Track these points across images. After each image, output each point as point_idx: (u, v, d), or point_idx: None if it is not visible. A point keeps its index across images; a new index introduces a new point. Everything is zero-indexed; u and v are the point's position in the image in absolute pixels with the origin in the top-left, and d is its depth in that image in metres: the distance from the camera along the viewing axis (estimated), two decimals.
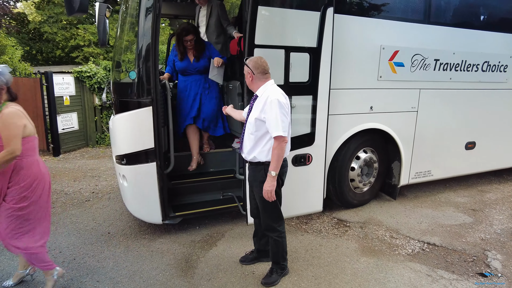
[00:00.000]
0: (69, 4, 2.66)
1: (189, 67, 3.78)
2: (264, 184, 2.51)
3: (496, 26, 4.74)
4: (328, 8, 3.38)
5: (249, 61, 2.60)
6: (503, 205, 4.76)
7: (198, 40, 3.75)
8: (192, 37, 3.65)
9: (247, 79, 2.62)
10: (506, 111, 5.16)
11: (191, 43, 3.67)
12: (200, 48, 3.75)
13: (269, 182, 2.49)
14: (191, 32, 3.64)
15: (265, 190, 2.50)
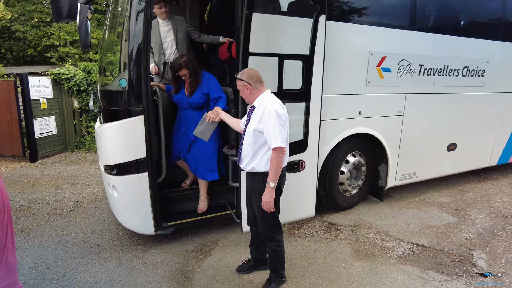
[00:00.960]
0: (56, 11, 2.54)
1: (183, 101, 3.56)
2: (262, 195, 2.50)
3: (474, 32, 4.93)
4: (321, 16, 3.40)
5: (242, 74, 2.57)
6: (482, 203, 4.97)
7: (194, 73, 3.43)
8: (186, 72, 3.39)
9: (244, 92, 2.59)
10: (483, 114, 5.39)
11: (186, 77, 3.44)
12: (194, 82, 3.45)
13: (268, 193, 2.49)
14: (183, 67, 3.36)
15: (264, 201, 2.49)
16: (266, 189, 2.49)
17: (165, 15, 4.03)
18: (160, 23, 4.05)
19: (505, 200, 5.11)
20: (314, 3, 3.39)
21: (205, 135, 3.22)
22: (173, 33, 4.06)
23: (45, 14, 12.93)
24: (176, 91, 3.55)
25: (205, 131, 3.19)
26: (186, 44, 4.19)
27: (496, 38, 5.12)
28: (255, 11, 3.03)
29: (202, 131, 3.19)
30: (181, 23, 4.14)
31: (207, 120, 3.10)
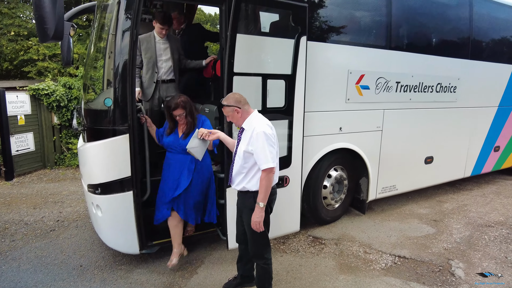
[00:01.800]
0: (42, 31, 2.53)
1: (174, 143, 3.30)
2: (252, 215, 2.54)
3: (446, 51, 5.23)
4: (302, 36, 3.54)
5: (228, 100, 2.61)
6: (459, 214, 5.17)
7: (191, 114, 3.24)
8: (182, 112, 3.19)
9: (235, 116, 2.62)
10: (457, 128, 5.66)
11: (181, 118, 3.22)
12: (191, 123, 3.25)
13: (258, 213, 2.53)
14: (180, 106, 3.16)
15: (254, 221, 2.53)
16: (255, 209, 2.53)
17: (164, 32, 3.97)
18: (157, 39, 3.98)
19: (480, 210, 5.33)
20: (296, 25, 3.53)
21: (197, 152, 2.99)
22: (171, 52, 4.03)
23: (23, 28, 12.68)
24: (170, 131, 3.33)
25: (199, 147, 2.98)
26: (178, 66, 4.19)
27: (465, 57, 5.44)
28: (239, 32, 3.13)
29: (195, 147, 2.96)
30: (175, 42, 4.12)
31: (198, 137, 2.94)
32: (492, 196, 6.06)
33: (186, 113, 3.22)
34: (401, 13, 4.65)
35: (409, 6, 4.76)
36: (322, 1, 3.95)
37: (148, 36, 3.98)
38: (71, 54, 4.98)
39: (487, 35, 5.85)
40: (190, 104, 3.24)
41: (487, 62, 5.79)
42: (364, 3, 4.31)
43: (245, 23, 3.24)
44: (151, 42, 3.93)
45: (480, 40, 5.71)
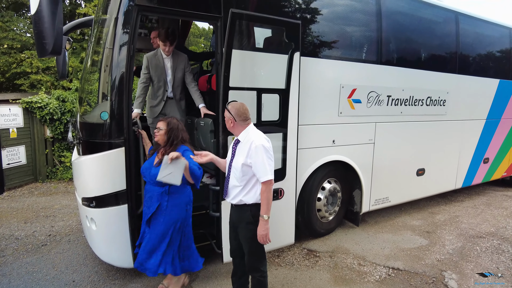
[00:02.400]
0: (41, 46, 2.56)
1: (145, 172, 3.02)
2: (258, 229, 2.56)
3: (435, 66, 5.40)
4: (295, 52, 3.64)
5: (231, 107, 2.66)
6: (451, 225, 5.24)
7: (170, 142, 2.96)
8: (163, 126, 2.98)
9: (228, 123, 2.69)
10: (447, 140, 5.79)
11: (159, 132, 2.96)
12: (167, 146, 2.96)
13: (263, 226, 2.55)
14: (165, 121, 3.03)
15: (260, 234, 2.55)
16: (260, 222, 2.55)
17: (167, 49, 3.83)
18: (164, 56, 3.93)
19: (471, 221, 5.41)
20: (289, 41, 3.62)
21: (173, 178, 2.69)
22: (172, 71, 3.95)
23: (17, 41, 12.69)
24: (152, 152, 3.11)
25: (173, 174, 2.68)
26: (181, 85, 4.06)
27: (453, 71, 5.61)
28: (235, 48, 3.20)
29: (169, 174, 2.67)
30: (182, 61, 4.00)
31: (169, 162, 2.68)
32: (483, 207, 6.15)
33: (167, 130, 2.95)
34: (391, 29, 4.80)
35: (399, 22, 4.92)
36: (314, 18, 4.08)
37: (155, 53, 3.95)
38: (66, 67, 5.03)
39: (473, 50, 6.06)
40: (178, 128, 2.99)
41: (474, 77, 5.97)
42: (355, 20, 4.45)
43: (240, 39, 3.31)
44: (159, 60, 3.91)
45: (467, 55, 5.91)
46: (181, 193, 2.98)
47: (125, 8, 3.01)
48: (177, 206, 2.96)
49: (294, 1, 3.89)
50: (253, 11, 3.50)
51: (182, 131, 3.04)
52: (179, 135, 2.99)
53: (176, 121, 3.05)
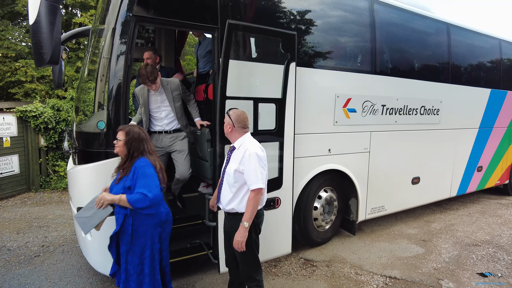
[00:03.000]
0: (39, 56, 2.57)
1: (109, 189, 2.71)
2: (235, 235, 2.56)
3: (428, 76, 5.49)
4: (291, 62, 3.68)
5: (232, 113, 2.71)
6: (446, 233, 5.26)
7: (131, 146, 2.62)
8: (122, 137, 2.64)
9: (226, 128, 2.72)
10: (441, 149, 5.85)
11: (117, 143, 2.66)
12: (127, 168, 2.62)
13: (241, 232, 2.54)
14: (123, 130, 2.67)
15: (236, 240, 2.54)
16: (240, 228, 2.54)
17: (154, 87, 3.62)
18: (150, 93, 3.72)
19: (466, 229, 5.44)
20: (285, 51, 3.67)
21: (85, 225, 2.42)
22: (171, 103, 3.73)
23: (11, 50, 12.66)
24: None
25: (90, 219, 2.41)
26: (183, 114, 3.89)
27: (446, 81, 5.71)
28: (232, 58, 3.24)
29: (86, 218, 2.40)
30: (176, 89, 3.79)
31: (96, 207, 2.46)
32: (478, 215, 6.20)
33: (126, 141, 2.61)
34: (385, 40, 4.89)
35: (392, 33, 5.01)
36: (310, 29, 4.14)
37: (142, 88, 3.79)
38: (62, 77, 5.03)
39: (465, 60, 6.18)
40: (139, 138, 2.65)
41: (466, 86, 6.08)
42: (350, 30, 4.52)
43: (237, 50, 3.35)
44: (143, 96, 3.75)
45: (459, 65, 6.02)
46: (149, 214, 2.58)
47: (123, 19, 3.04)
48: (143, 230, 2.59)
49: (289, 12, 3.96)
50: (250, 22, 3.55)
51: (145, 142, 2.68)
52: (140, 146, 2.63)
53: (137, 129, 2.71)
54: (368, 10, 4.61)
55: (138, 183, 2.51)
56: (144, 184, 2.50)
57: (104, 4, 3.47)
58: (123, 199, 2.47)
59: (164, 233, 2.72)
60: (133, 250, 2.60)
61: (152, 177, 2.56)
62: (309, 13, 4.12)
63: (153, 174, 2.58)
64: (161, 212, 2.67)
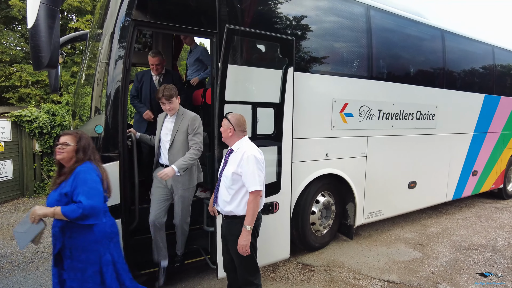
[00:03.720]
0: (37, 60, 2.55)
1: (47, 199, 2.44)
2: (239, 239, 2.55)
3: (424, 81, 5.55)
4: (289, 68, 3.70)
5: (232, 117, 2.72)
6: (443, 237, 5.28)
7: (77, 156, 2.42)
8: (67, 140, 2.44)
9: (226, 132, 2.72)
10: (437, 153, 5.90)
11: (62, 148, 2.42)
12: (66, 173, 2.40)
13: (244, 236, 2.54)
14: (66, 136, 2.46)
15: (240, 244, 2.53)
16: (242, 232, 2.54)
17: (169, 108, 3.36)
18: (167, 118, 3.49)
19: (463, 233, 5.46)
20: (283, 57, 3.69)
21: (21, 239, 2.30)
22: (170, 137, 3.40)
23: (6, 55, 12.58)
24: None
25: (26, 234, 2.28)
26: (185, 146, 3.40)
27: (441, 86, 5.78)
28: (230, 63, 3.25)
29: (21, 232, 2.30)
30: (186, 121, 3.39)
31: (30, 221, 2.28)
32: (473, 219, 6.24)
33: (77, 148, 2.42)
34: (381, 46, 4.94)
35: (388, 39, 5.07)
36: (307, 34, 4.17)
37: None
38: (58, 81, 5.00)
39: (459, 66, 6.27)
40: (89, 146, 2.49)
41: (461, 92, 6.16)
42: (347, 36, 4.56)
43: (236, 55, 3.37)
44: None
45: (453, 71, 6.10)
46: (90, 226, 2.33)
47: (122, 23, 3.04)
48: (85, 248, 2.35)
49: (287, 18, 3.99)
50: (248, 27, 3.57)
51: (94, 149, 2.53)
52: (90, 155, 2.48)
53: (87, 135, 2.54)
54: (364, 16, 4.66)
55: (77, 190, 2.29)
56: (83, 191, 2.29)
57: (102, 9, 3.47)
58: (57, 212, 2.23)
59: (112, 244, 2.49)
60: (74, 266, 2.34)
61: (94, 183, 2.34)
62: (306, 18, 4.15)
63: (96, 180, 2.37)
64: (104, 223, 2.42)
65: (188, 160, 3.25)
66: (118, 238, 2.59)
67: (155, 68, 4.11)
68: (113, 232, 2.52)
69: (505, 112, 7.19)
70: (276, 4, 3.92)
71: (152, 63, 4.08)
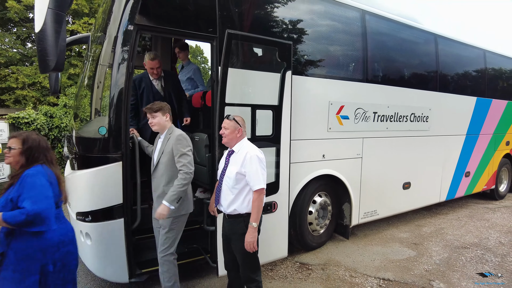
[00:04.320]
0: (43, 62, 2.62)
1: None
2: (246, 236, 2.63)
3: (417, 84, 5.70)
4: (287, 71, 3.81)
5: (240, 119, 2.83)
6: (436, 237, 5.41)
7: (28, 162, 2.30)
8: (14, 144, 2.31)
9: (233, 133, 2.78)
10: (430, 155, 6.04)
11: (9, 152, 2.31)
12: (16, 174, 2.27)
13: (251, 233, 2.63)
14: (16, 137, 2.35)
15: (248, 241, 2.62)
16: (249, 229, 2.63)
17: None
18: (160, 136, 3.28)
19: (456, 233, 5.60)
20: (281, 60, 3.80)
21: None
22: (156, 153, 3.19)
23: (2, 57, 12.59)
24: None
25: None
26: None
27: (435, 89, 5.93)
28: (231, 66, 3.35)
29: None
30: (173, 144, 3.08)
31: None
32: (466, 220, 6.38)
33: (23, 150, 2.28)
34: (376, 50, 5.07)
35: (383, 43, 5.20)
36: (305, 39, 4.29)
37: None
38: (58, 84, 5.06)
39: (452, 70, 6.43)
40: (39, 147, 2.35)
41: (454, 94, 6.32)
42: (343, 40, 4.69)
43: (236, 58, 3.47)
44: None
45: (446, 74, 6.26)
46: (36, 233, 2.18)
47: (125, 28, 3.12)
48: (28, 256, 2.18)
49: (285, 22, 4.10)
50: (248, 32, 3.67)
51: (46, 151, 2.37)
52: (39, 156, 2.32)
53: (36, 136, 2.39)
54: (359, 20, 4.79)
55: (22, 195, 2.15)
56: (29, 197, 2.15)
57: (105, 14, 3.55)
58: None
59: (58, 254, 2.28)
60: (13, 278, 2.17)
61: (41, 188, 2.19)
62: (303, 23, 4.26)
63: (44, 185, 2.22)
64: (53, 230, 2.25)
65: (177, 189, 2.89)
66: (71, 247, 2.41)
67: (155, 72, 4.07)
68: (64, 242, 2.32)
69: (496, 115, 7.37)
70: (274, 10, 4.02)
71: (152, 66, 4.04)
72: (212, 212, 3.19)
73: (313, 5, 4.37)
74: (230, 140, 2.83)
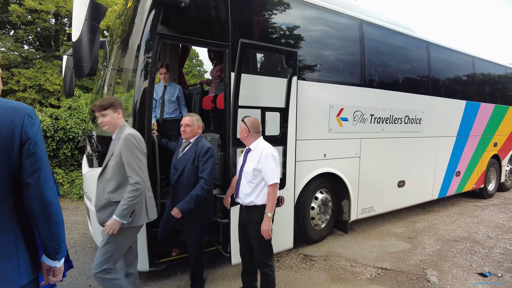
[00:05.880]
0: (80, 68, 2.90)
1: None
2: (262, 225, 2.94)
3: (411, 88, 6.09)
4: (293, 77, 4.15)
5: (248, 120, 3.12)
6: (429, 232, 5.77)
7: None
8: None
9: (242, 134, 3.11)
10: (423, 155, 6.42)
11: None
12: None
13: (266, 222, 2.94)
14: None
15: (264, 229, 2.93)
16: (264, 219, 2.94)
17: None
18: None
19: (447, 228, 5.97)
20: (288, 67, 4.14)
21: None
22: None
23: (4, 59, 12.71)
24: None
25: None
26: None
27: (427, 93, 6.33)
28: (243, 72, 3.67)
29: None
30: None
31: None
32: (457, 216, 6.77)
33: None
34: (373, 57, 5.44)
35: (379, 50, 5.58)
36: (309, 47, 4.63)
37: None
38: (73, 87, 5.32)
39: (443, 75, 6.85)
40: None
41: (445, 98, 6.73)
42: (342, 49, 5.05)
43: (248, 65, 3.79)
44: None
45: (438, 79, 6.67)
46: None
47: (148, 37, 3.42)
48: None
49: (291, 32, 4.44)
50: (257, 41, 3.99)
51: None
52: None
53: None
54: (357, 30, 5.15)
55: None
56: None
57: (126, 25, 3.85)
58: None
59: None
60: None
61: None
62: (309, 33, 4.61)
63: None
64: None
65: (128, 202, 2.56)
66: None
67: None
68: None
69: (484, 117, 7.80)
70: (281, 20, 4.36)
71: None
72: (226, 204, 3.49)
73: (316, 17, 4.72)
74: (242, 139, 3.16)
